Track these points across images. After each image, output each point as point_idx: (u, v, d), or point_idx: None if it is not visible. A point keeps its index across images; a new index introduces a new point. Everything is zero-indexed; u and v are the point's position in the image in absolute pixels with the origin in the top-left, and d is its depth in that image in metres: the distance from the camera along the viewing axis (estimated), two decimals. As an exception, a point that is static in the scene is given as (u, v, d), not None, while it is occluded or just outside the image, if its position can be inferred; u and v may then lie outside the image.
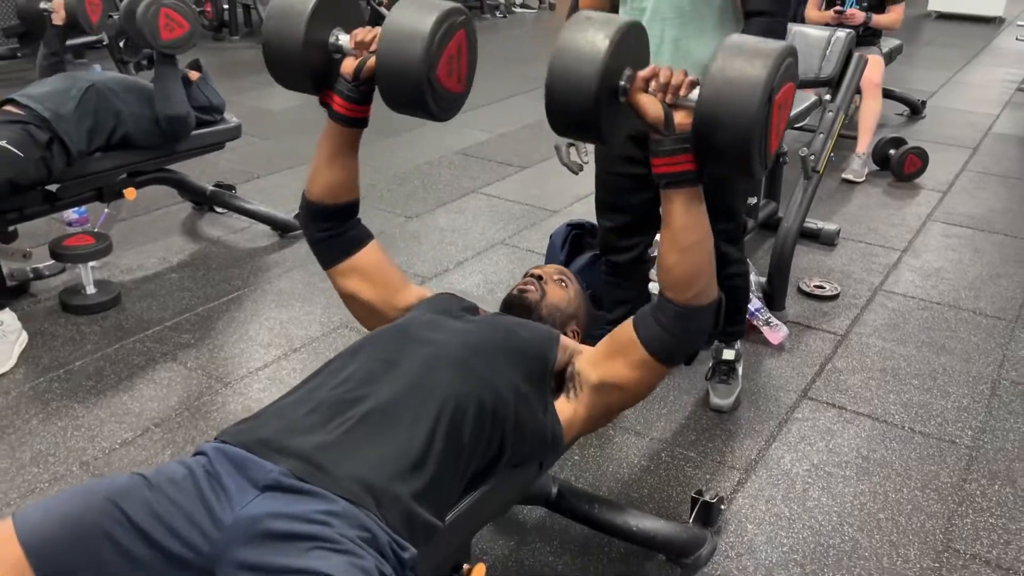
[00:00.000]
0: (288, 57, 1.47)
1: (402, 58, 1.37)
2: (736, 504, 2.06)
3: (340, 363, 1.39)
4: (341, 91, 1.49)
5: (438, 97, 1.43)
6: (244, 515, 1.13)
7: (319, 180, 1.58)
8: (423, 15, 1.37)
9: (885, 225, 3.78)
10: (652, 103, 1.28)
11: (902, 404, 2.48)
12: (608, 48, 1.23)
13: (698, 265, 1.35)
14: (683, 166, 1.28)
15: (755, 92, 1.17)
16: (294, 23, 1.44)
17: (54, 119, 2.68)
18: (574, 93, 1.25)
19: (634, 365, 1.41)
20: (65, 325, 2.77)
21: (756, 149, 1.20)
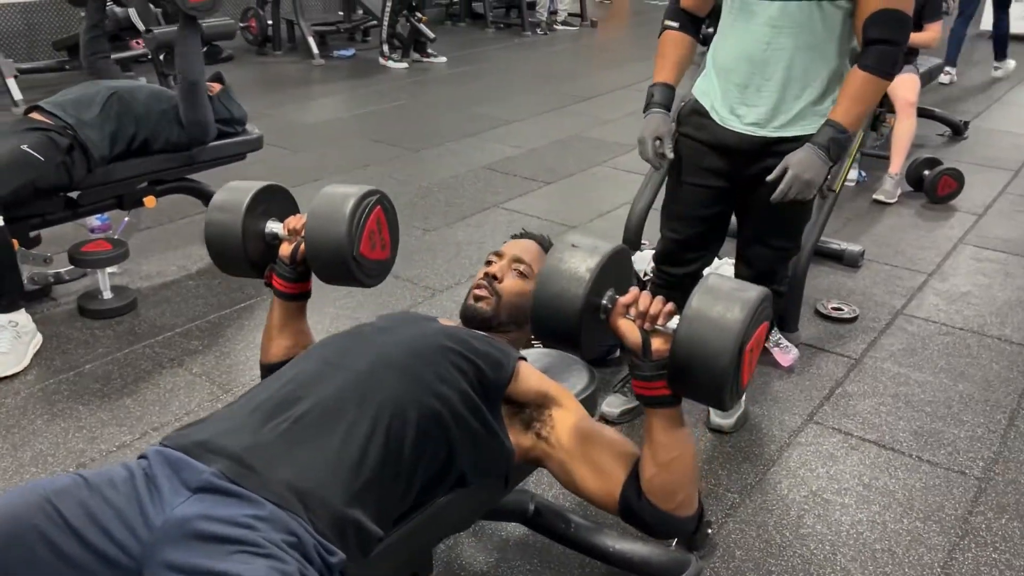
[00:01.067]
0: (229, 248, 1.63)
1: (327, 244, 1.53)
2: (726, 529, 2.01)
3: (292, 365, 1.41)
4: (281, 273, 1.63)
5: (364, 269, 1.59)
6: (174, 516, 1.14)
7: (273, 346, 1.69)
8: (340, 203, 1.54)
9: (913, 247, 3.68)
10: (631, 329, 1.31)
11: (912, 431, 2.39)
12: (591, 278, 1.29)
13: (677, 480, 1.36)
14: (659, 391, 1.31)
15: (727, 344, 1.21)
16: (232, 218, 1.62)
17: (77, 125, 2.76)
18: (558, 315, 1.31)
19: (601, 493, 1.42)
20: (80, 329, 2.83)
21: (727, 391, 1.25)
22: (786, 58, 1.98)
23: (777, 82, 2.01)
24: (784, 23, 1.96)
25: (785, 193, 1.96)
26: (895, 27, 1.88)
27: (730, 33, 2.07)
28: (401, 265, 3.37)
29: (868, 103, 1.95)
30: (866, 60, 1.90)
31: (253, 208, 1.63)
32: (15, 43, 6.27)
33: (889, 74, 1.91)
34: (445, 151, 4.92)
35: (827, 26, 1.95)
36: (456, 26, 9.34)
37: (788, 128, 2.03)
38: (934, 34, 4.37)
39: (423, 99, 6.21)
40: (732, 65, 2.07)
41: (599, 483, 1.41)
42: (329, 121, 5.65)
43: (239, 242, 1.61)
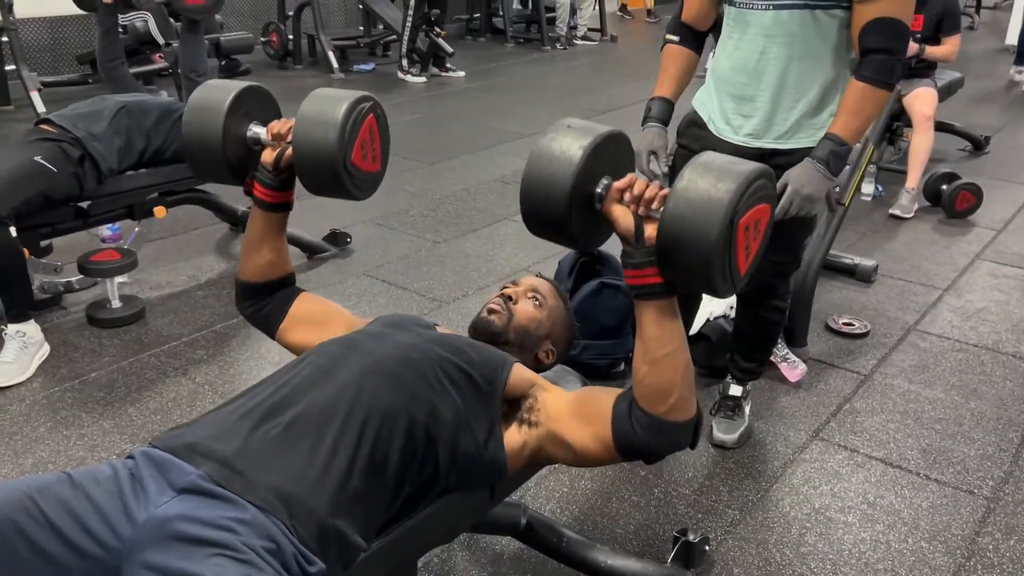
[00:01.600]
0: (208, 152, 1.54)
1: (317, 148, 1.44)
2: (725, 546, 1.97)
3: (284, 371, 1.40)
4: (263, 180, 1.56)
5: (355, 180, 1.50)
6: (157, 515, 1.14)
7: (250, 262, 1.63)
8: (333, 106, 1.45)
9: (929, 263, 3.62)
10: (624, 214, 1.27)
11: (920, 449, 2.34)
12: (583, 157, 1.24)
13: (669, 379, 1.30)
14: (650, 279, 1.26)
15: (716, 216, 1.15)
16: (212, 119, 1.52)
17: (87, 138, 2.79)
18: (547, 198, 1.26)
19: (594, 439, 1.37)
20: (88, 338, 2.85)
21: (718, 272, 1.18)
22: (780, 68, 1.96)
23: (771, 92, 1.99)
24: (777, 32, 1.94)
25: (787, 210, 1.93)
26: (892, 36, 1.85)
27: (727, 43, 2.06)
28: (409, 276, 3.40)
29: (867, 115, 1.91)
30: (863, 70, 1.88)
31: (235, 109, 1.52)
32: (41, 57, 6.38)
33: (887, 84, 1.87)
34: (459, 164, 4.93)
35: (822, 36, 1.93)
36: (476, 41, 9.39)
37: (784, 140, 2.01)
38: (952, 47, 4.32)
39: (440, 113, 6.23)
40: (728, 76, 2.05)
41: (591, 428, 1.36)
42: (345, 134, 5.69)
43: (219, 145, 1.51)
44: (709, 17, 2.14)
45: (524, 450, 1.43)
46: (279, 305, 1.66)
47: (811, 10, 1.89)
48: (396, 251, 3.64)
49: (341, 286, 3.30)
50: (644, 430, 1.32)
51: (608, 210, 1.28)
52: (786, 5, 1.90)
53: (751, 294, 2.24)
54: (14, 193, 2.53)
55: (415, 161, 4.95)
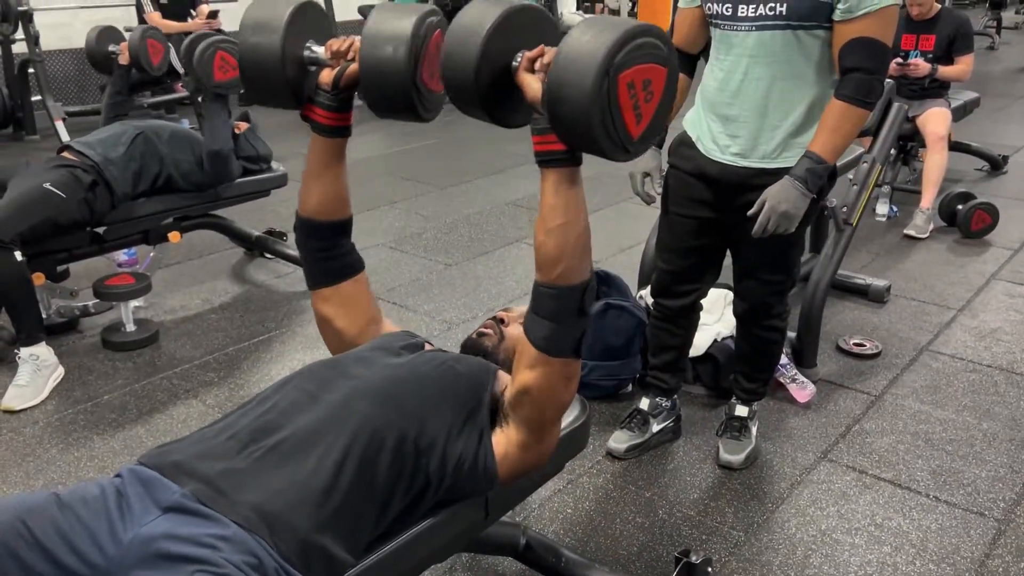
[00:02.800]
0: (267, 72, 1.46)
1: (386, 64, 1.36)
2: (728, 568, 1.96)
3: (270, 392, 1.41)
4: (322, 102, 1.48)
5: (423, 99, 1.43)
6: (141, 534, 1.15)
7: (311, 196, 1.58)
8: (401, 20, 1.38)
9: (943, 283, 3.59)
10: (532, 82, 1.28)
11: (930, 471, 2.31)
12: (492, 25, 1.24)
13: (561, 247, 1.30)
14: (552, 145, 1.27)
15: (591, 68, 1.15)
16: (270, 38, 1.44)
17: (103, 163, 2.85)
18: (459, 68, 1.26)
19: (529, 365, 1.37)
20: (102, 360, 2.90)
21: (599, 128, 1.18)
22: (763, 88, 1.98)
23: (755, 113, 2.00)
24: (760, 53, 1.95)
25: (764, 227, 1.94)
26: (870, 55, 1.86)
27: (713, 65, 2.08)
28: (419, 299, 3.42)
29: (846, 133, 1.92)
30: (843, 89, 1.89)
31: (293, 26, 1.45)
32: (66, 87, 6.53)
33: (866, 103, 1.88)
34: (472, 188, 4.97)
35: (805, 55, 1.94)
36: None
37: (769, 160, 2.02)
38: (965, 67, 4.31)
39: (455, 138, 6.29)
40: (714, 97, 2.07)
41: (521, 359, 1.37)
42: (361, 160, 5.75)
43: (278, 65, 1.43)
44: (699, 41, 2.15)
45: (509, 447, 1.43)
46: (340, 270, 1.63)
47: (793, 31, 1.91)
48: (407, 274, 3.67)
49: (352, 309, 3.32)
50: (540, 304, 1.33)
51: (519, 79, 1.29)
52: (768, 26, 1.92)
53: (748, 314, 2.24)
54: (19, 219, 2.59)
55: (428, 185, 5.00)
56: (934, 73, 4.26)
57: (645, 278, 2.95)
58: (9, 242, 2.54)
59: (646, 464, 2.35)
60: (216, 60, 3.04)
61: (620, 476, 2.30)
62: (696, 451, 2.41)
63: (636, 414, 2.40)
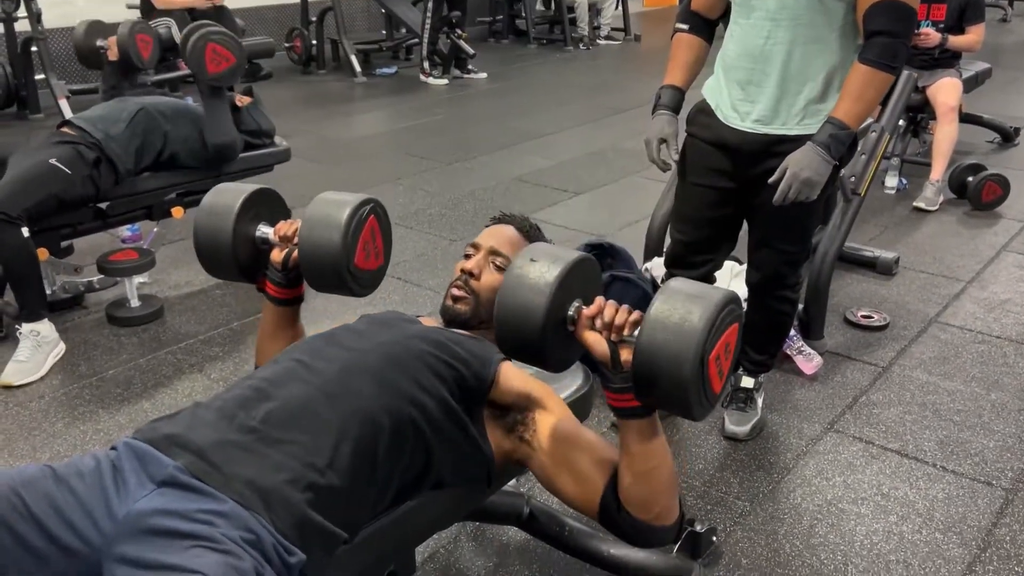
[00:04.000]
0: (218, 252, 1.59)
1: (321, 255, 1.51)
2: (733, 537, 1.95)
3: (266, 365, 1.40)
4: (272, 278, 1.60)
5: (357, 279, 1.56)
6: (135, 510, 1.14)
7: (267, 353, 1.65)
8: (336, 212, 1.51)
9: (953, 255, 3.56)
10: (598, 341, 1.25)
11: (937, 441, 2.30)
12: (554, 286, 1.24)
13: (654, 491, 1.31)
14: (630, 403, 1.26)
15: (688, 353, 1.15)
16: (222, 221, 1.57)
17: (104, 140, 2.83)
18: (522, 324, 1.26)
19: (579, 500, 1.38)
20: (107, 336, 2.90)
21: (695, 402, 1.19)
22: (784, 52, 1.94)
23: (776, 77, 1.97)
24: (783, 16, 1.92)
25: (785, 194, 1.91)
26: (896, 18, 1.82)
27: (734, 29, 2.04)
28: (424, 274, 3.41)
29: (870, 99, 1.88)
30: (867, 53, 1.85)
31: (244, 212, 1.59)
32: (69, 66, 6.48)
33: (891, 67, 1.84)
34: (477, 164, 4.94)
35: (828, 19, 1.90)
36: (499, 43, 9.40)
37: (791, 126, 1.99)
38: (977, 37, 4.24)
39: (460, 114, 6.25)
40: (734, 62, 2.03)
41: (579, 489, 1.37)
42: (367, 137, 5.73)
43: (229, 247, 1.57)
44: (718, 5, 2.12)
45: (511, 456, 1.43)
46: None
47: None
48: (413, 249, 3.65)
49: (357, 284, 3.31)
50: (629, 529, 1.35)
51: (582, 336, 1.27)
52: None
53: (761, 284, 2.21)
54: (26, 194, 2.58)
55: (433, 161, 4.97)
56: (945, 43, 4.19)
57: (650, 251, 2.93)
58: (16, 217, 2.53)
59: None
60: (208, 53, 2.98)
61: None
62: (702, 422, 2.40)
63: None
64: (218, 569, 1.04)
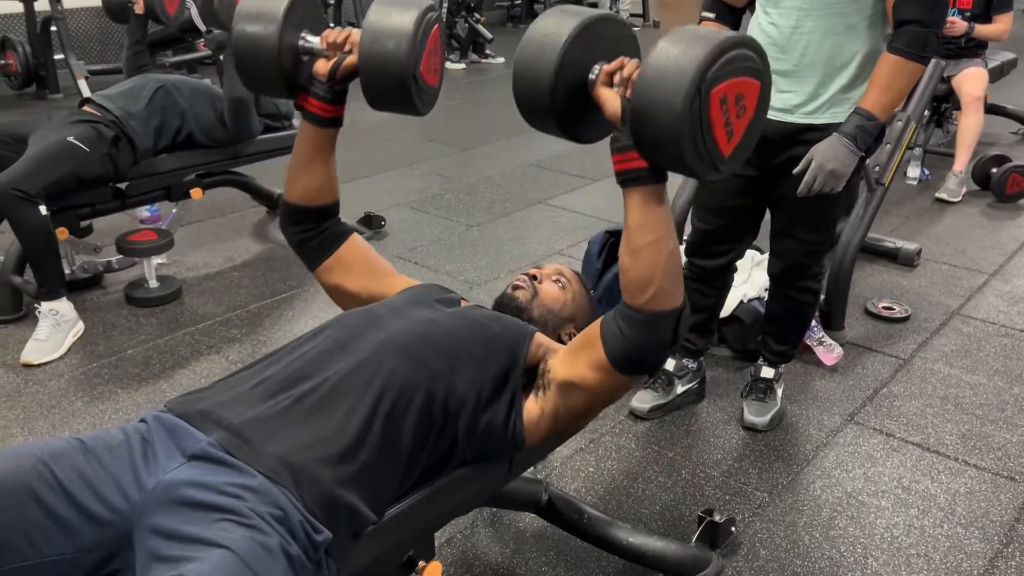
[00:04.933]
0: (262, 62, 1.46)
1: (387, 58, 1.36)
2: (752, 528, 1.94)
3: (302, 341, 1.40)
4: (316, 92, 1.47)
5: (422, 93, 1.43)
6: (165, 480, 1.14)
7: (298, 182, 1.57)
8: (402, 15, 1.37)
9: (976, 247, 3.51)
10: (612, 97, 1.22)
11: (959, 435, 2.28)
12: (567, 39, 1.18)
13: (651, 268, 1.25)
14: (635, 163, 1.21)
15: (682, 83, 1.08)
16: (266, 28, 1.44)
17: (124, 117, 2.83)
18: (533, 82, 1.21)
19: (594, 366, 1.34)
20: (126, 316, 2.90)
21: (688, 146, 1.12)
22: (815, 42, 1.92)
23: (805, 67, 1.94)
24: (812, 6, 1.89)
25: (810, 185, 1.88)
26: (926, 7, 1.79)
27: (761, 18, 2.02)
28: (441, 259, 3.40)
29: (899, 89, 1.85)
30: (896, 43, 1.82)
31: (288, 18, 1.44)
32: (89, 46, 6.51)
33: (921, 57, 1.81)
34: (495, 149, 4.92)
35: (858, 8, 1.88)
36: (517, 28, 9.35)
37: (818, 115, 1.96)
38: (1004, 26, 4.18)
39: (477, 99, 6.22)
40: None
41: (586, 354, 1.33)
42: (383, 121, 5.68)
43: (274, 54, 1.43)
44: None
45: (541, 419, 1.40)
46: (328, 241, 1.61)
47: None
48: (429, 234, 3.64)
49: (374, 268, 3.30)
50: (629, 326, 1.28)
51: (597, 94, 1.23)
52: None
53: (783, 273, 2.19)
54: (44, 172, 2.58)
55: (450, 147, 4.95)
56: (971, 32, 4.13)
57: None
58: (34, 195, 2.54)
59: (669, 424, 2.33)
60: (237, 4, 2.99)
61: (643, 436, 2.28)
62: (720, 412, 2.39)
63: (661, 374, 2.37)
64: (245, 544, 1.04)
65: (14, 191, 2.50)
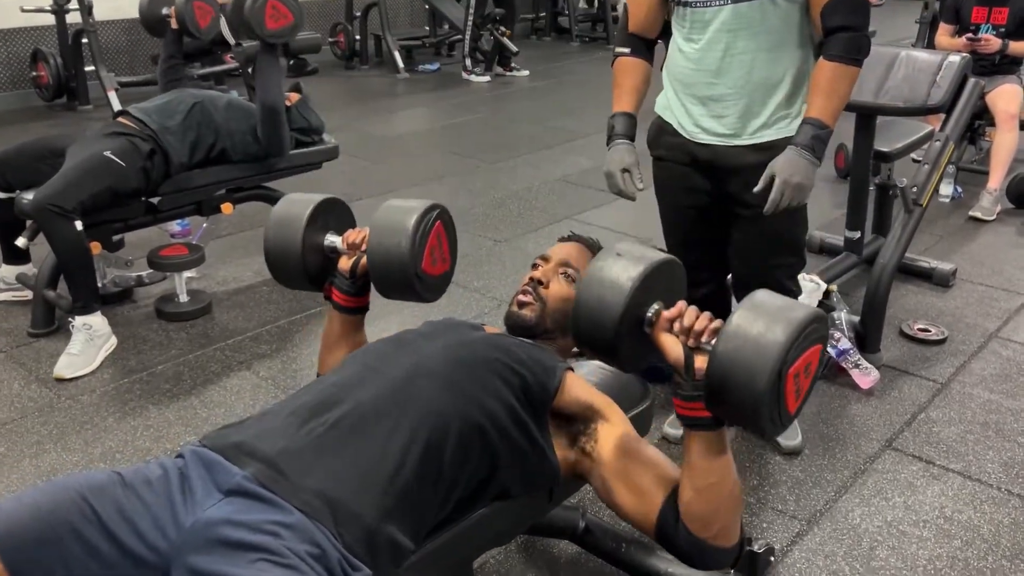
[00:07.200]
0: (288, 261, 1.62)
1: (390, 260, 1.53)
2: (791, 557, 1.90)
3: (334, 370, 1.39)
4: (340, 286, 1.62)
5: (425, 285, 1.58)
6: (202, 519, 1.13)
7: (330, 360, 1.67)
8: (403, 219, 1.53)
9: (1012, 267, 3.46)
10: (674, 345, 1.23)
11: (1002, 462, 2.23)
12: (634, 284, 1.23)
13: (714, 508, 1.27)
14: (698, 413, 1.23)
15: (764, 368, 1.12)
16: (292, 231, 1.60)
17: (160, 131, 2.85)
18: (599, 318, 1.25)
19: (636, 514, 1.35)
20: (156, 330, 2.91)
21: (766, 419, 1.15)
22: (747, 62, 1.91)
23: (742, 88, 1.93)
24: (739, 25, 1.88)
25: (778, 202, 1.86)
26: (854, 11, 1.82)
27: (684, 46, 1.99)
28: (469, 275, 3.38)
29: (843, 94, 1.85)
30: (831, 49, 1.82)
31: (313, 222, 1.62)
32: (118, 58, 6.58)
33: (857, 60, 1.83)
34: (521, 163, 4.91)
35: (785, 23, 1.88)
36: (541, 40, 9.36)
37: (761, 134, 1.96)
38: (1039, 42, 4.12)
39: (503, 112, 6.22)
40: (691, 78, 1.99)
41: (637, 503, 1.35)
42: (409, 133, 5.72)
43: (299, 256, 1.60)
44: (656, 24, 2.07)
45: (573, 469, 1.42)
46: None
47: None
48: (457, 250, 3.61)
49: (402, 284, 3.30)
50: (686, 545, 1.31)
51: (658, 338, 1.25)
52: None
53: None
54: (80, 187, 2.59)
55: (476, 160, 4.95)
56: (1005, 49, 4.08)
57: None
58: (70, 211, 2.55)
59: (703, 448, 2.29)
60: (267, 8, 2.99)
61: (676, 461, 2.24)
62: (755, 437, 2.35)
63: None
64: None
65: (51, 206, 2.52)
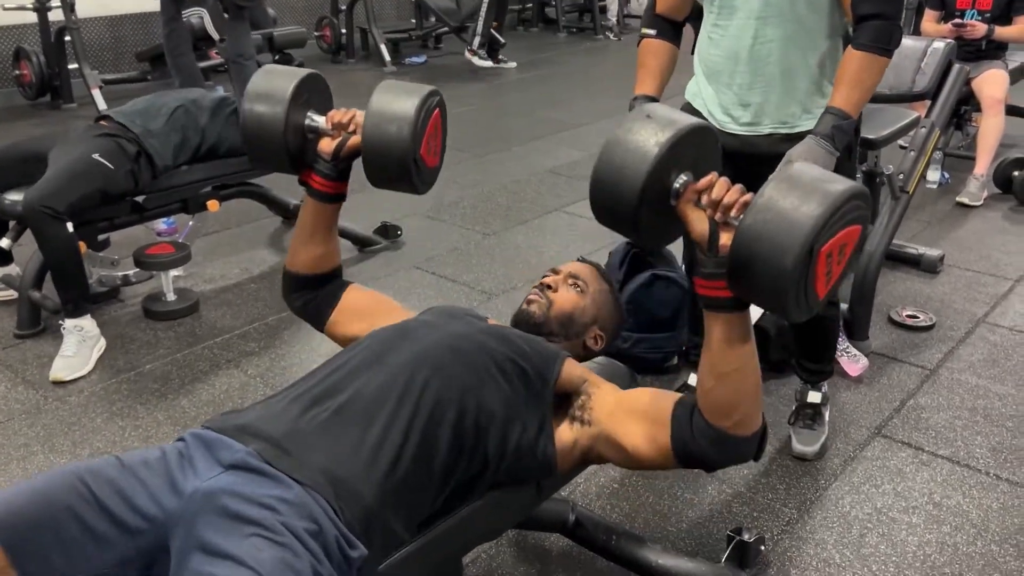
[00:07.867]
0: (269, 140, 1.52)
1: (389, 140, 1.44)
2: (781, 546, 1.91)
3: (336, 357, 1.40)
4: (320, 170, 1.53)
5: (421, 173, 1.50)
6: (203, 488, 1.14)
7: (301, 254, 1.62)
8: (405, 100, 1.45)
9: (1000, 252, 3.47)
10: (700, 218, 1.18)
11: (990, 448, 2.24)
12: (659, 153, 1.14)
13: (735, 395, 1.24)
14: (720, 292, 1.18)
15: (794, 242, 1.05)
16: (273, 109, 1.50)
17: (143, 135, 2.82)
18: (616, 191, 1.18)
19: (649, 441, 1.32)
20: (144, 330, 2.90)
21: (791, 299, 1.09)
22: (777, 51, 1.89)
23: (771, 77, 1.92)
24: (769, 13, 1.87)
25: None
26: (886, 1, 1.78)
27: (714, 32, 1.98)
28: (458, 268, 3.38)
29: (868, 85, 1.82)
30: (861, 38, 1.79)
31: (297, 97, 1.51)
32: (102, 55, 6.53)
33: (887, 51, 1.80)
34: (510, 155, 4.90)
35: (814, 9, 1.86)
36: (528, 31, 9.34)
37: (791, 125, 1.95)
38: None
39: (491, 104, 6.20)
40: (721, 66, 1.97)
41: (647, 429, 1.32)
42: (397, 127, 5.69)
43: (280, 133, 1.49)
44: (684, 5, 2.05)
45: (575, 448, 1.40)
46: (328, 298, 1.65)
47: None
48: (446, 243, 3.62)
49: (391, 278, 3.30)
50: (705, 440, 1.27)
51: (683, 210, 1.19)
52: None
53: None
54: (71, 189, 2.57)
55: (466, 153, 4.93)
56: (991, 34, 4.08)
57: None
58: (61, 212, 2.53)
59: (694, 438, 2.30)
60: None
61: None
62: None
63: (683, 390, 2.34)
64: (274, 569, 1.03)
65: (43, 208, 2.50)
